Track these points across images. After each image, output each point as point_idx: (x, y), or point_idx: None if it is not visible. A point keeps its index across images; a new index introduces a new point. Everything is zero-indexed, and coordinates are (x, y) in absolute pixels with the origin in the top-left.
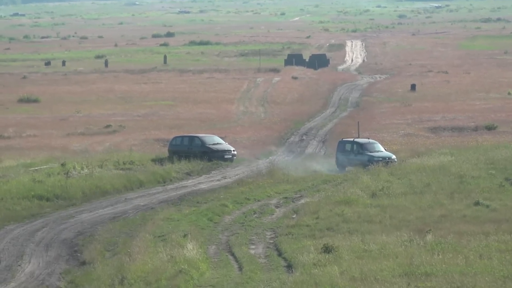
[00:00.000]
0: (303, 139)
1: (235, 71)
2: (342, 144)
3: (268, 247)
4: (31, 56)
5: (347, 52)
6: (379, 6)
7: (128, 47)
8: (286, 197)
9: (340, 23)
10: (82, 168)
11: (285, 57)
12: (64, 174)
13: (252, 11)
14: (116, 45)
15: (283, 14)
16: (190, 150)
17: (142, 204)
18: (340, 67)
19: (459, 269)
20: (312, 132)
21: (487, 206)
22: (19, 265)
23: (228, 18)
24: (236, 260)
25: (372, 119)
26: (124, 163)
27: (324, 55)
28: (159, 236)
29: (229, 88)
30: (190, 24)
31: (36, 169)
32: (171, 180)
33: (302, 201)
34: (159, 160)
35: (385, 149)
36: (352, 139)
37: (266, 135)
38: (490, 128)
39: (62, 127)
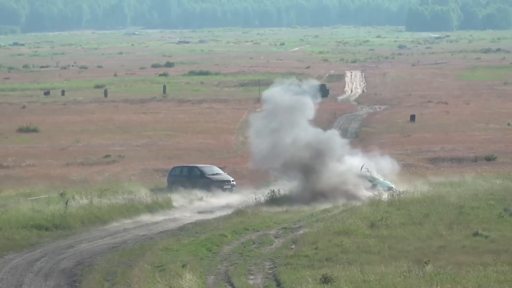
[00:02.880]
0: None
1: (234, 101)
2: None
3: (267, 278)
4: (31, 85)
5: (346, 83)
6: (378, 37)
7: (127, 77)
8: (285, 227)
9: (339, 54)
10: (81, 198)
11: None
12: (64, 204)
13: (252, 41)
14: (115, 75)
15: (282, 44)
16: (189, 181)
17: (141, 234)
18: (340, 98)
19: None
20: None
21: (486, 237)
22: None
23: (227, 48)
24: None
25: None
26: (123, 193)
27: (323, 86)
28: (157, 266)
29: (228, 118)
30: (189, 54)
31: (35, 199)
32: (170, 210)
33: (301, 231)
34: (158, 190)
35: (383, 179)
36: None
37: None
38: (489, 159)
39: (61, 156)
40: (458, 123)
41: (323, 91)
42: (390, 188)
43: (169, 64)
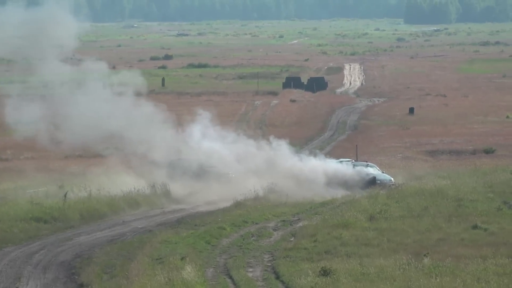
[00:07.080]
0: None
1: (233, 94)
2: None
3: (266, 270)
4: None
5: (345, 75)
6: (377, 29)
7: (126, 70)
8: (284, 220)
9: (338, 46)
10: (80, 191)
11: (283, 80)
12: (62, 196)
13: (251, 33)
14: (114, 68)
15: (281, 37)
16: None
17: (140, 226)
18: (338, 90)
19: None
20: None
21: (485, 230)
22: None
23: (226, 41)
24: (234, 283)
25: (370, 143)
26: (121, 186)
27: (322, 78)
28: (157, 259)
29: (227, 111)
30: (188, 46)
31: (33, 191)
32: (168, 203)
33: (300, 224)
34: (156, 183)
35: (382, 171)
36: (350, 161)
37: None
38: (488, 151)
39: (60, 149)
40: (456, 115)
41: (322, 84)
42: (389, 181)
43: (167, 57)
